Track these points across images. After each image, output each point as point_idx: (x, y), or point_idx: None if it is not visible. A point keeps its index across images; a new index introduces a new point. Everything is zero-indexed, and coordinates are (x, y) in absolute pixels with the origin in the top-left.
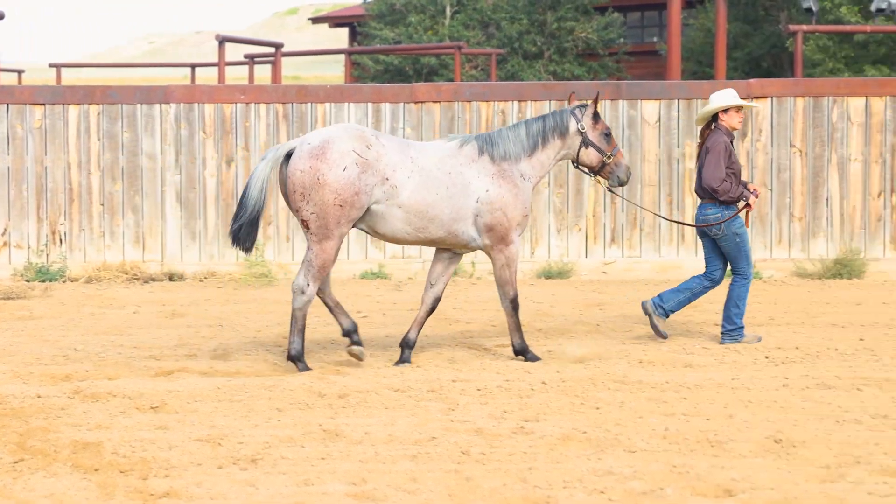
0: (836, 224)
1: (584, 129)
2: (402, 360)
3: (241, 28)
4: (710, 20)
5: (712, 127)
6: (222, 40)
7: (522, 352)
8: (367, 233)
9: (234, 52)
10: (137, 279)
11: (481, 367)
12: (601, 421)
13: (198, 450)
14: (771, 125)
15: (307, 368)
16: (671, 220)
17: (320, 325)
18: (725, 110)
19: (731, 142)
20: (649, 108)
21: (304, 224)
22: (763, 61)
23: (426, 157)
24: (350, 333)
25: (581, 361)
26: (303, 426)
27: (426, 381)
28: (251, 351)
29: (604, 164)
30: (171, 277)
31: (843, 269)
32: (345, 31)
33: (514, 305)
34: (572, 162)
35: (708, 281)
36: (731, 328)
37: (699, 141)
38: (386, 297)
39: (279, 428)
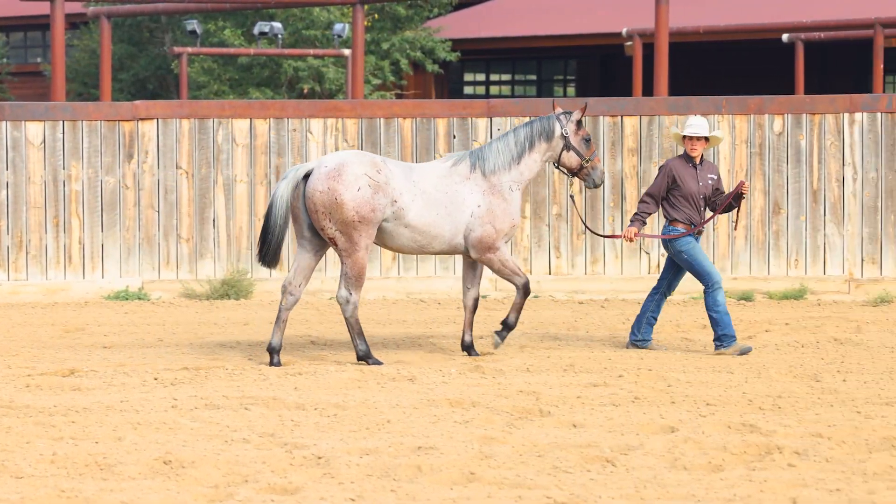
0: (223, 245)
1: (567, 133)
2: (472, 356)
3: None
4: (95, 41)
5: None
6: None
7: (509, 328)
8: (376, 244)
9: None
10: None
11: None
12: None
13: None
14: (157, 147)
15: (378, 362)
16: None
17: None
18: (682, 136)
19: (694, 166)
20: (33, 130)
21: (333, 242)
22: (149, 83)
23: (426, 180)
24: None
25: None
26: None
27: None
28: None
29: (581, 167)
30: None
31: (231, 289)
32: None
33: (525, 291)
34: (553, 163)
35: (657, 294)
36: (715, 337)
37: None
38: None
39: None
